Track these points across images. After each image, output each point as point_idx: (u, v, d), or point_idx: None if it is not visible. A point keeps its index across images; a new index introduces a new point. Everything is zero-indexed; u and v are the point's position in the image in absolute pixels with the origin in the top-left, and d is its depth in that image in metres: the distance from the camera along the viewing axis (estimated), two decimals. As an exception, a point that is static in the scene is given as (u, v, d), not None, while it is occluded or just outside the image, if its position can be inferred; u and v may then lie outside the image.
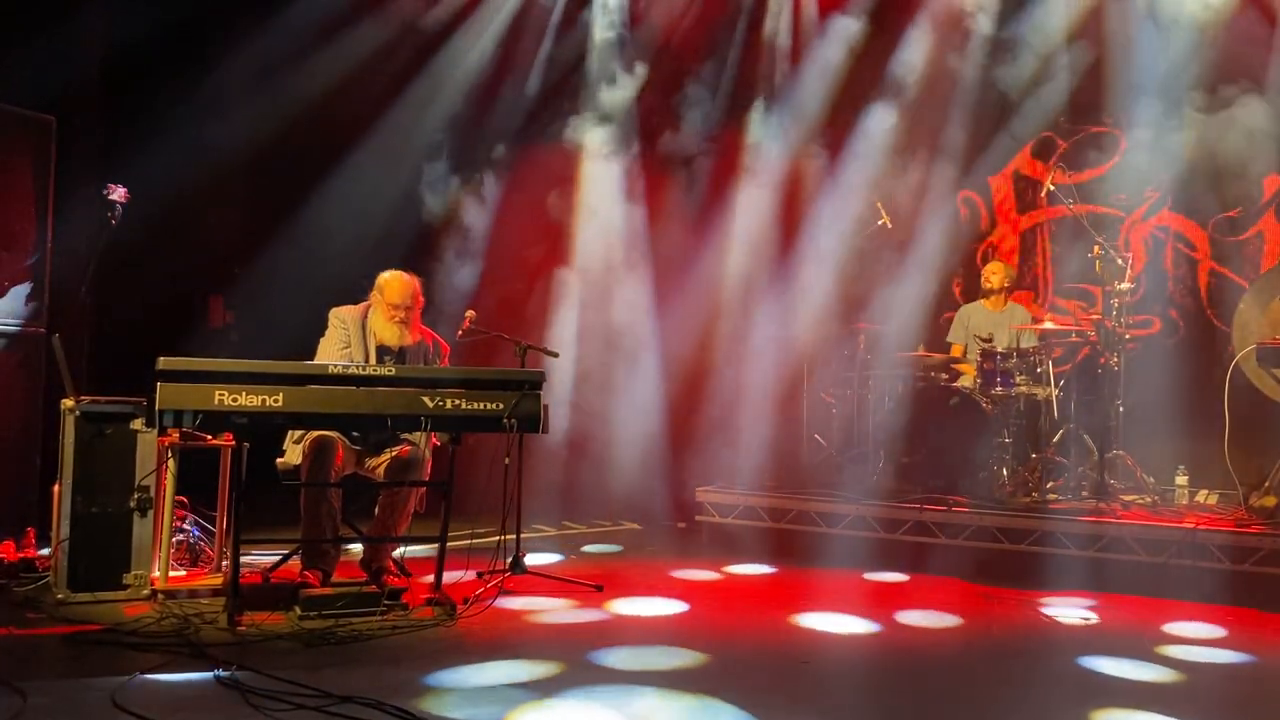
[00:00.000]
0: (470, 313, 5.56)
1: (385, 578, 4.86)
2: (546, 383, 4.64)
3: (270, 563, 5.02)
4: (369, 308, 5.07)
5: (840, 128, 7.91)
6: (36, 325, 5.81)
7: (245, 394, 4.13)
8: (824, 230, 7.81)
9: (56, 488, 4.66)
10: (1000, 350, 6.42)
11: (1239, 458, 6.04)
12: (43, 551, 5.07)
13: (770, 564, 6.01)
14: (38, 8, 6.24)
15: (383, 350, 5.02)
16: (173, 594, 4.71)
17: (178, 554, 5.20)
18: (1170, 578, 5.36)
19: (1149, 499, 6.31)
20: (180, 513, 5.20)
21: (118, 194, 5.18)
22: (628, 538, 7.09)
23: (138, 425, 4.69)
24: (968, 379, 6.73)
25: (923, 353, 7.14)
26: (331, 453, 4.76)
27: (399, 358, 5.02)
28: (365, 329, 5.02)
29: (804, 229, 7.92)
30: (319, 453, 4.73)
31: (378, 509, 4.95)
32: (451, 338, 5.47)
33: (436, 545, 4.70)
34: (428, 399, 4.38)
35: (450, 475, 4.67)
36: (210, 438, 4.94)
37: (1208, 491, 6.53)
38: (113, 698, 3.33)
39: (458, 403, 4.41)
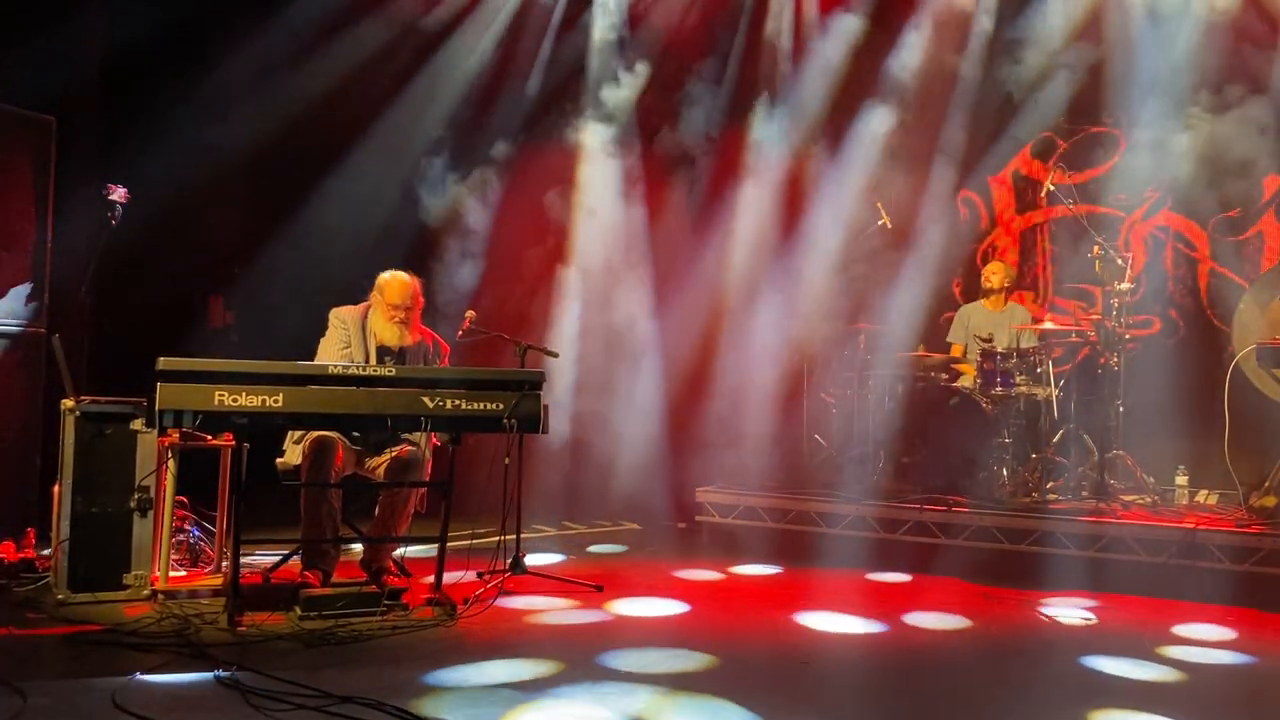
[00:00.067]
0: (470, 313, 5.57)
1: (385, 578, 4.86)
2: (546, 383, 4.64)
3: (270, 563, 5.03)
4: (369, 308, 5.07)
5: (840, 127, 7.91)
6: (36, 325, 5.80)
7: (245, 394, 4.13)
8: (824, 230, 7.81)
9: (56, 488, 4.66)
10: (1000, 350, 6.42)
11: (1239, 458, 6.05)
12: (43, 552, 5.07)
13: (771, 564, 6.01)
14: (38, 8, 6.24)
15: (383, 350, 5.02)
16: (173, 594, 4.72)
17: (178, 554, 5.20)
18: (1170, 578, 5.36)
19: (1149, 499, 6.31)
20: (180, 513, 5.20)
21: (118, 194, 5.18)
22: (628, 538, 7.09)
23: (138, 425, 4.69)
24: (968, 379, 6.73)
25: (923, 353, 7.14)
26: (331, 453, 4.76)
27: (399, 358, 5.02)
28: (365, 329, 5.02)
29: (804, 229, 7.92)
30: (319, 453, 4.73)
31: (378, 509, 4.95)
32: (451, 338, 5.47)
33: (436, 545, 4.70)
34: (428, 399, 4.38)
35: (450, 475, 4.67)
36: (210, 438, 4.95)
37: (1208, 491, 6.53)
38: (113, 698, 3.33)
39: (458, 403, 4.41)
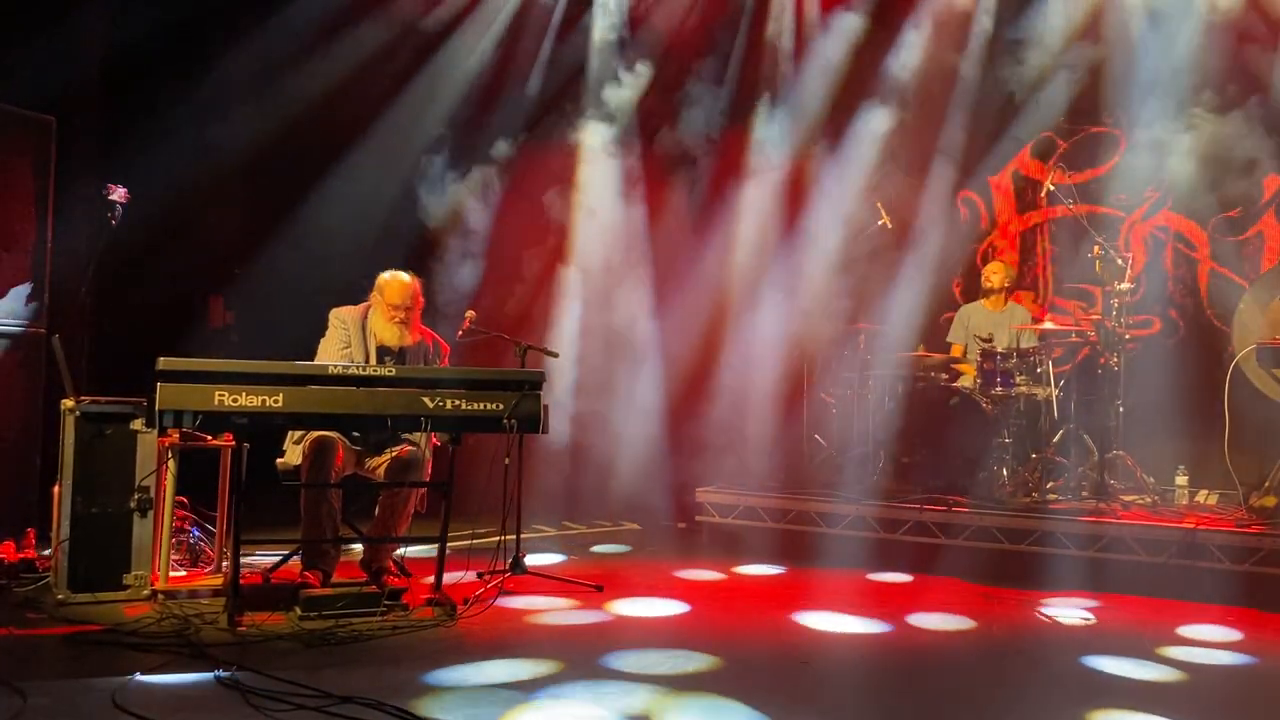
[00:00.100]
0: (470, 313, 5.57)
1: (385, 578, 4.86)
2: (546, 383, 4.64)
3: (270, 563, 5.03)
4: (369, 308, 5.07)
5: (840, 127, 7.91)
6: (37, 325, 5.80)
7: (245, 394, 4.13)
8: (825, 230, 7.81)
9: (57, 488, 4.66)
10: (1000, 350, 6.42)
11: (1239, 458, 6.05)
12: (43, 552, 5.06)
13: (771, 564, 6.01)
14: (38, 8, 6.24)
15: (383, 351, 5.01)
16: (173, 594, 4.72)
17: (178, 554, 5.20)
18: (1170, 578, 5.36)
19: (1149, 499, 6.31)
20: (180, 513, 5.20)
21: (118, 194, 5.18)
22: (628, 538, 7.09)
23: (138, 425, 4.69)
24: (968, 379, 6.73)
25: (923, 353, 7.14)
26: (332, 453, 4.76)
27: (399, 358, 5.02)
28: (365, 329, 5.02)
29: (805, 229, 7.92)
30: (319, 453, 4.73)
31: (378, 509, 4.95)
32: (451, 338, 5.47)
33: (436, 545, 4.70)
34: (428, 399, 4.38)
35: (450, 475, 4.67)
36: (210, 438, 4.95)
37: (1208, 491, 6.54)
38: (113, 698, 3.33)
39: (458, 403, 4.41)
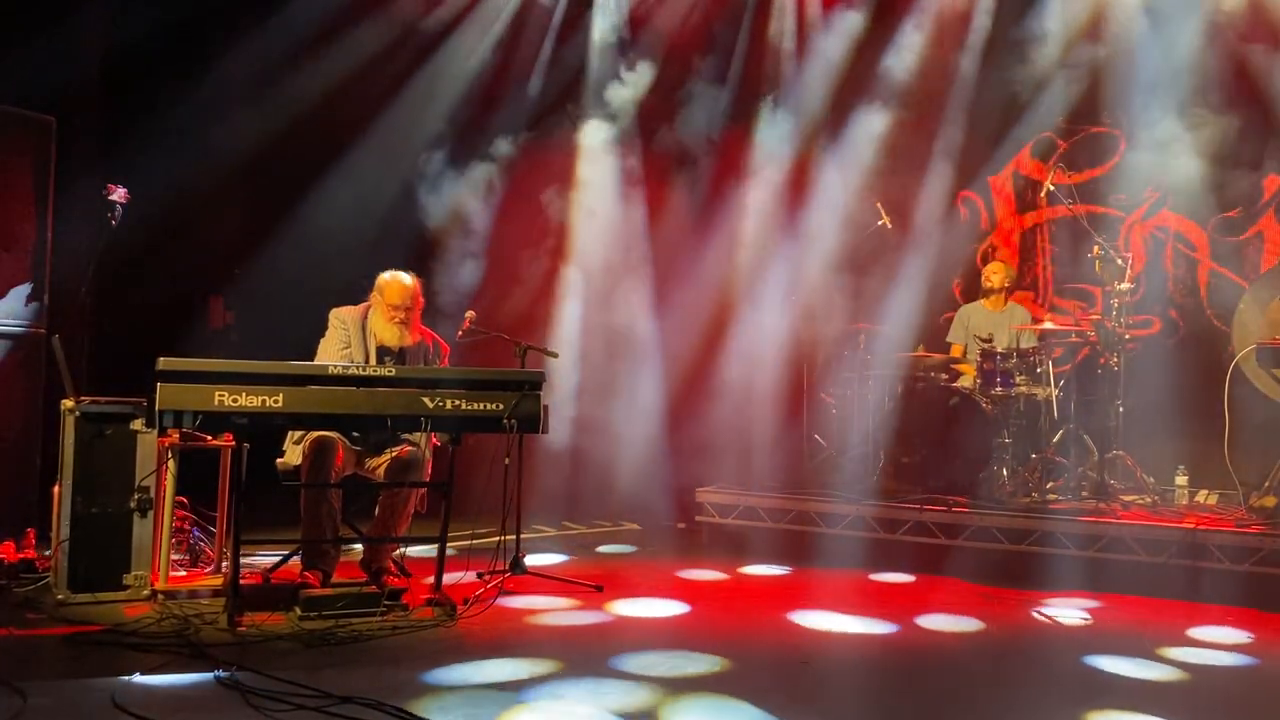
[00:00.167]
0: (470, 313, 5.57)
1: (385, 578, 4.86)
2: (546, 383, 4.64)
3: (270, 563, 5.02)
4: (369, 308, 5.07)
5: (841, 127, 7.91)
6: (37, 326, 5.80)
7: (245, 394, 4.13)
8: (825, 230, 7.81)
9: (56, 488, 4.66)
10: (1000, 350, 6.42)
11: (1239, 458, 6.05)
12: (43, 552, 5.06)
13: (771, 564, 6.01)
14: (38, 8, 6.24)
15: (383, 351, 5.01)
16: (173, 594, 4.72)
17: (178, 554, 5.20)
18: (1170, 578, 5.36)
19: (1149, 499, 6.31)
20: (180, 513, 5.20)
21: (118, 194, 5.18)
22: (628, 538, 7.09)
23: (138, 426, 4.69)
24: (968, 379, 6.73)
25: (923, 353, 7.14)
26: (331, 453, 4.76)
27: (399, 358, 5.02)
28: (365, 329, 5.02)
29: (805, 228, 7.92)
30: (319, 453, 4.73)
31: (378, 509, 4.95)
32: (451, 338, 5.47)
33: (436, 545, 4.70)
34: (428, 399, 4.38)
35: (450, 475, 4.67)
36: (210, 438, 4.95)
37: (1208, 491, 6.54)
38: (113, 698, 3.33)
39: (458, 403, 4.41)
